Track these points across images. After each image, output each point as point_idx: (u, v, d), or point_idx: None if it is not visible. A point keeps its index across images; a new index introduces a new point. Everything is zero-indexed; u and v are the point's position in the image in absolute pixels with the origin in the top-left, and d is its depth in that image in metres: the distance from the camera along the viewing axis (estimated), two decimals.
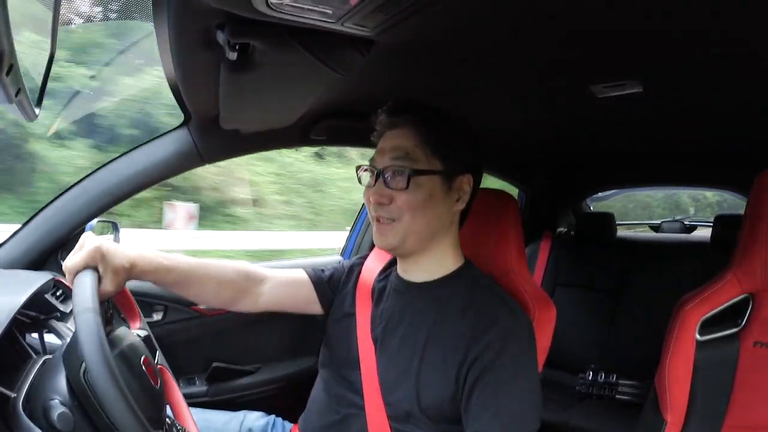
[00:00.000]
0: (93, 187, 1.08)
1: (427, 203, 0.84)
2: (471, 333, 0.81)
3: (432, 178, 0.85)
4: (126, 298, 0.91)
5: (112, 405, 0.59)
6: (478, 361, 0.79)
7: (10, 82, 0.49)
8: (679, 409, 0.96)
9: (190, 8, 0.65)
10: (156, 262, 0.84)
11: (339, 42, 0.75)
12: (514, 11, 0.71)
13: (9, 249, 1.04)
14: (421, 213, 0.84)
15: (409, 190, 0.83)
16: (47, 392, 0.67)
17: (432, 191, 0.85)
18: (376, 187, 0.86)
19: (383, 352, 0.90)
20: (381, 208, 0.86)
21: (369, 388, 0.89)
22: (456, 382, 0.81)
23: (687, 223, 2.69)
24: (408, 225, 0.85)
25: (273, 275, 1.00)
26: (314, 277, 1.02)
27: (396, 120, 0.87)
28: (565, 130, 1.52)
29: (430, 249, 0.90)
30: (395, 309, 0.92)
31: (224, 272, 0.94)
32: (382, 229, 0.87)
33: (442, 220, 0.88)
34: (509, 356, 0.79)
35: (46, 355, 0.79)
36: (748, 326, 0.95)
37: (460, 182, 0.88)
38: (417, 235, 0.86)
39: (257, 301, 0.98)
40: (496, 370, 0.78)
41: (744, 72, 0.93)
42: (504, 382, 0.78)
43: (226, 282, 0.94)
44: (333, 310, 1.02)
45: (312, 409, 1.00)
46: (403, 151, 0.85)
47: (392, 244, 0.87)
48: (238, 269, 0.96)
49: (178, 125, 1.13)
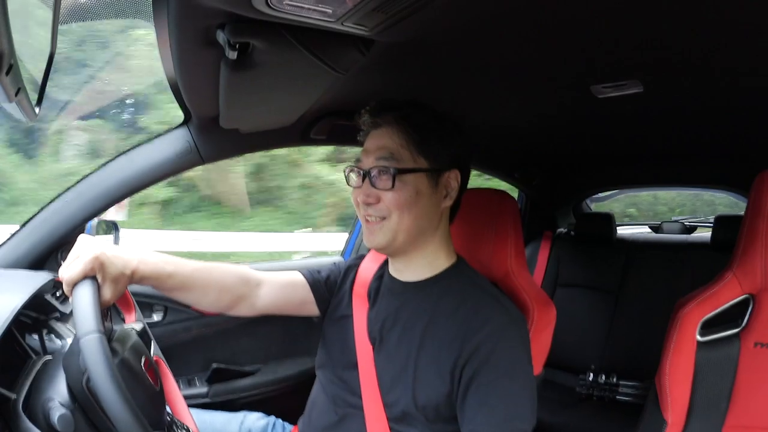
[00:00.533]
0: (93, 187, 1.08)
1: (414, 201, 0.85)
2: (464, 332, 0.81)
3: (418, 176, 0.85)
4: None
5: (118, 418, 0.59)
6: (471, 359, 0.79)
7: (10, 82, 0.49)
8: (679, 410, 0.95)
9: (190, 8, 0.65)
10: (158, 267, 0.83)
11: (339, 41, 0.75)
12: (514, 11, 0.71)
13: (9, 249, 1.04)
14: (408, 211, 0.85)
15: (396, 189, 0.84)
16: (47, 393, 0.66)
17: (418, 189, 0.85)
18: (363, 187, 0.87)
19: (381, 352, 0.90)
20: (369, 208, 0.87)
21: (367, 389, 0.89)
22: (451, 380, 0.81)
23: (687, 224, 2.69)
24: (396, 223, 0.85)
25: (269, 278, 1.00)
26: (310, 278, 1.02)
27: (379, 120, 0.88)
28: (565, 130, 1.52)
29: (421, 247, 0.90)
30: (390, 309, 0.92)
31: (225, 278, 0.94)
32: (371, 229, 0.88)
33: (430, 217, 0.89)
34: (502, 355, 0.79)
35: (46, 356, 0.78)
36: (748, 327, 0.94)
37: (447, 178, 0.89)
38: (405, 233, 0.86)
39: (254, 304, 0.98)
40: (490, 369, 0.78)
41: (744, 72, 0.93)
42: (498, 381, 0.78)
43: (227, 288, 0.94)
44: (329, 312, 1.02)
45: (310, 410, 1.00)
46: (387, 150, 0.85)
47: (381, 243, 0.88)
48: (237, 274, 0.96)
49: (178, 125, 1.13)
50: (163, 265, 0.84)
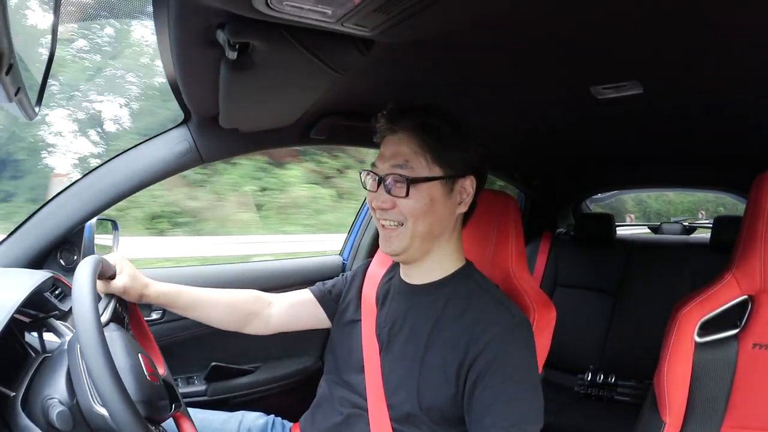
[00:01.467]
0: (92, 186, 1.08)
1: (428, 209, 0.85)
2: (470, 334, 0.81)
3: (432, 184, 0.85)
4: (150, 341, 0.95)
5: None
6: (476, 362, 0.79)
7: (10, 82, 0.49)
8: (677, 411, 0.96)
9: (191, 8, 0.65)
10: (166, 285, 0.96)
11: (339, 42, 0.75)
12: (514, 12, 0.71)
13: (8, 247, 1.04)
14: (423, 218, 0.85)
15: (410, 197, 0.84)
16: (46, 391, 0.67)
17: (433, 196, 0.85)
18: (378, 193, 0.87)
19: (388, 354, 0.91)
20: (384, 213, 0.87)
21: (372, 390, 0.89)
22: (456, 382, 0.81)
23: (686, 225, 2.69)
24: (411, 230, 0.85)
25: (280, 298, 1.08)
26: (318, 294, 1.07)
27: (395, 126, 0.87)
28: (565, 131, 1.52)
29: (433, 252, 0.91)
30: (399, 312, 0.93)
31: (235, 295, 1.04)
32: (387, 235, 0.88)
33: (444, 224, 0.89)
34: (508, 357, 0.79)
35: (45, 354, 0.78)
36: (747, 328, 0.94)
37: (461, 185, 0.88)
38: (420, 239, 0.86)
39: (268, 322, 1.06)
40: (496, 371, 0.78)
41: (744, 72, 0.93)
42: (504, 384, 0.78)
43: (237, 304, 1.03)
44: (337, 318, 1.04)
45: (314, 409, 1.00)
46: (402, 158, 0.85)
47: (397, 250, 0.88)
48: (247, 292, 1.06)
49: (178, 124, 1.13)
50: (171, 285, 0.97)
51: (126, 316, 0.93)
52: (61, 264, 1.08)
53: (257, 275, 1.59)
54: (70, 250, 1.09)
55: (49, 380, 0.69)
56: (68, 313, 0.91)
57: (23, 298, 0.74)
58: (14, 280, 0.85)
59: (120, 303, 0.90)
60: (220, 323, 1.03)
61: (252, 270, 1.61)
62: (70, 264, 1.08)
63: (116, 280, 0.87)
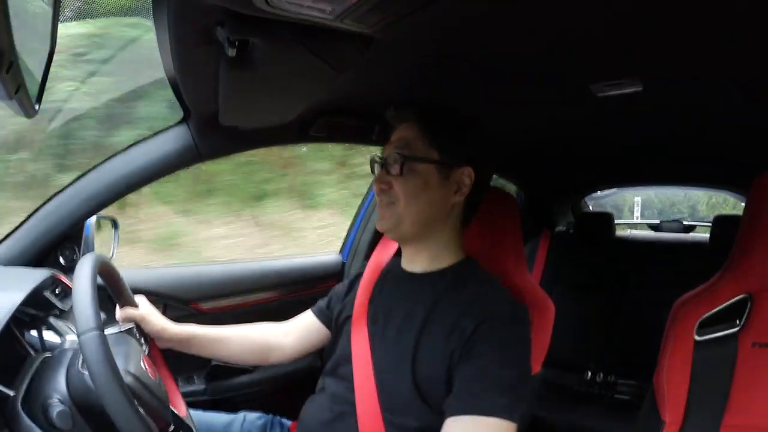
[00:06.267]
0: (92, 184, 1.07)
1: (421, 190, 0.89)
2: (468, 311, 0.83)
3: (427, 167, 0.90)
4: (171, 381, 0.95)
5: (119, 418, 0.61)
6: (469, 341, 0.81)
7: (10, 80, 0.49)
8: (677, 410, 0.96)
9: (190, 5, 0.65)
10: (184, 326, 1.03)
11: (339, 39, 0.74)
12: (514, 9, 0.71)
13: (8, 246, 1.04)
14: (415, 199, 0.89)
15: (404, 176, 0.89)
16: (46, 390, 0.67)
17: (427, 179, 0.90)
18: (378, 174, 0.94)
19: (380, 339, 0.92)
20: (383, 194, 0.92)
21: (361, 380, 0.90)
22: (450, 360, 0.82)
23: (686, 223, 2.69)
24: (402, 209, 0.90)
25: (290, 326, 1.14)
26: (318, 312, 1.13)
27: (401, 115, 0.96)
28: (564, 128, 1.52)
29: (428, 238, 0.94)
30: (393, 298, 0.95)
31: (244, 333, 1.09)
32: (382, 213, 0.94)
33: (438, 209, 0.91)
34: (502, 332, 0.81)
35: (45, 353, 0.78)
36: (746, 326, 0.94)
37: (459, 174, 0.91)
38: (411, 219, 0.90)
39: (284, 351, 1.12)
40: (486, 343, 0.80)
41: (744, 72, 0.93)
42: (492, 352, 0.79)
43: (252, 338, 1.09)
44: (333, 321, 1.07)
45: (308, 408, 1.01)
46: (404, 141, 0.92)
47: (386, 227, 0.94)
48: (258, 327, 1.12)
49: (177, 122, 1.13)
50: (187, 328, 1.03)
51: (146, 347, 0.95)
52: (60, 263, 1.08)
53: (257, 275, 1.59)
54: (70, 248, 1.09)
55: (50, 379, 0.68)
56: (68, 312, 0.91)
57: (23, 296, 0.74)
58: (14, 278, 0.85)
59: (139, 332, 0.95)
60: (239, 360, 1.10)
61: (252, 270, 1.61)
62: (70, 262, 1.08)
63: (136, 309, 0.97)
